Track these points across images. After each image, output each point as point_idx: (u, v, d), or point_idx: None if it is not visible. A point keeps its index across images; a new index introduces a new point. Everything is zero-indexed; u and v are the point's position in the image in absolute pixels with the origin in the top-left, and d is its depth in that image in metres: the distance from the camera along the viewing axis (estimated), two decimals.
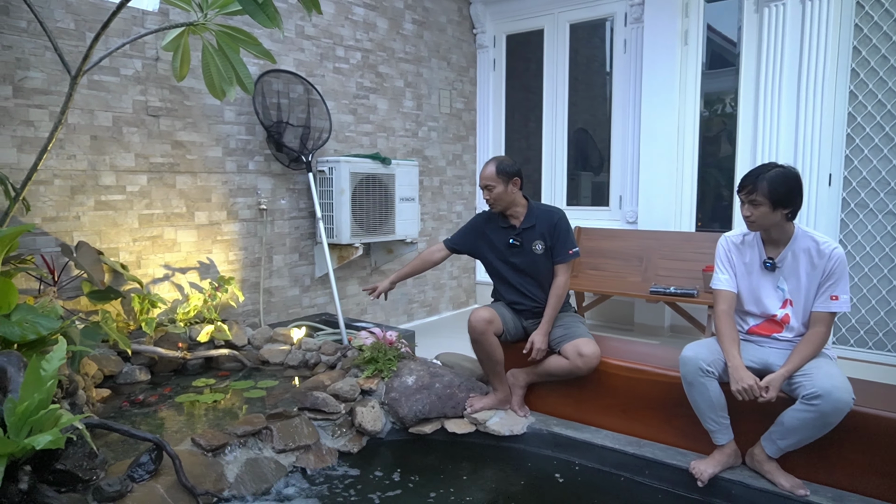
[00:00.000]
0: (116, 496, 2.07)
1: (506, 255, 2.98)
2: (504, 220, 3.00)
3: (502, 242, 2.98)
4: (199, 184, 3.79)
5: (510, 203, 2.92)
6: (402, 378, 3.05)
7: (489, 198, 2.90)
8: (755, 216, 2.37)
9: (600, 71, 5.76)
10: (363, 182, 4.27)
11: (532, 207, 2.97)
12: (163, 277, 3.68)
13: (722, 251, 2.58)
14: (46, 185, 3.14)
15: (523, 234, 2.94)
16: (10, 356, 2.11)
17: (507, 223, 2.98)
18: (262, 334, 3.75)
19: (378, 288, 3.17)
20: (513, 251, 2.95)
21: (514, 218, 2.97)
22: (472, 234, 3.12)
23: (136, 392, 3.17)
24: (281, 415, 2.76)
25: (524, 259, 2.94)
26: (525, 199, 3.00)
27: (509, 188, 2.90)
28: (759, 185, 2.32)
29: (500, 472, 2.74)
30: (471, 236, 3.13)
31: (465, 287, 6.03)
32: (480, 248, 3.09)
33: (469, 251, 3.17)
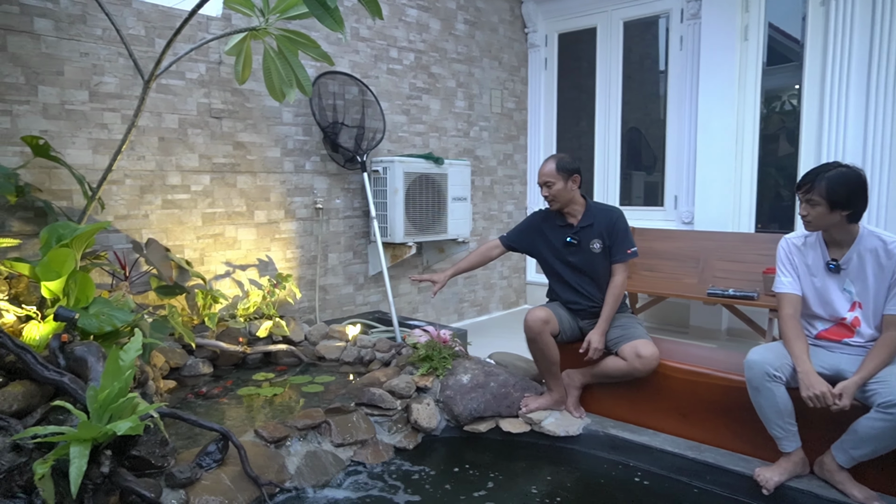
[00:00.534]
0: (187, 482, 2.15)
1: (563, 254, 2.97)
2: (561, 218, 2.98)
3: (559, 241, 2.96)
4: (258, 183, 3.89)
5: (569, 201, 2.90)
6: (456, 376, 3.07)
7: (548, 195, 2.89)
8: (812, 216, 2.30)
9: (653, 69, 5.67)
10: (416, 182, 4.31)
11: (590, 206, 2.95)
12: (224, 274, 3.79)
13: (783, 253, 2.51)
14: (118, 185, 3.29)
15: (581, 232, 2.92)
16: (90, 346, 2.22)
17: (565, 221, 2.97)
18: (319, 331, 3.83)
19: (436, 283, 3.19)
20: (570, 250, 2.94)
21: (572, 216, 2.95)
22: (529, 232, 3.12)
23: (199, 384, 3.28)
24: (339, 410, 2.82)
25: (581, 258, 2.92)
26: (583, 197, 2.97)
27: (569, 185, 2.88)
28: (817, 185, 2.25)
29: (556, 473, 2.72)
30: (528, 234, 3.13)
31: (516, 287, 6.02)
32: (537, 246, 3.08)
33: (525, 249, 3.17)
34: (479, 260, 3.24)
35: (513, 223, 5.85)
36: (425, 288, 5.05)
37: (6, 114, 2.93)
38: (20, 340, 2.13)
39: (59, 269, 2.44)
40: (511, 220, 5.87)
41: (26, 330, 2.32)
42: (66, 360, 2.19)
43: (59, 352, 2.18)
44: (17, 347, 2.07)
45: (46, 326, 2.34)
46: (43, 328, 2.34)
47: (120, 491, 1.93)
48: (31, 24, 2.98)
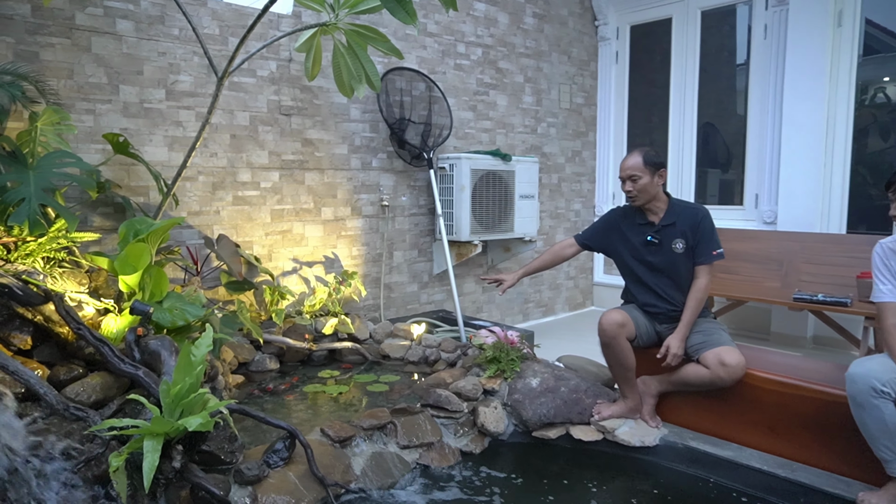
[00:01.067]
0: (255, 480, 2.14)
1: (642, 254, 2.81)
2: (642, 215, 2.82)
3: (639, 240, 2.81)
4: (325, 180, 3.90)
5: (652, 197, 2.75)
6: (525, 380, 2.97)
7: (632, 189, 2.73)
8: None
9: (729, 61, 5.38)
10: (483, 179, 4.22)
11: (673, 203, 2.79)
12: (291, 270, 3.82)
13: (878, 259, 2.29)
14: (192, 182, 3.34)
15: (663, 231, 2.75)
16: (163, 341, 2.24)
17: (645, 219, 2.81)
18: (384, 329, 3.80)
19: (505, 282, 3.09)
20: (650, 249, 2.78)
21: (654, 214, 2.79)
22: (606, 231, 2.98)
23: (266, 380, 3.30)
24: (405, 410, 2.76)
25: (662, 258, 2.76)
26: (666, 194, 2.81)
27: (654, 180, 2.72)
28: None
29: (630, 485, 2.58)
30: (604, 233, 2.99)
31: (582, 288, 5.84)
32: (615, 245, 2.94)
33: (602, 248, 3.03)
34: (552, 259, 3.12)
35: (580, 222, 5.68)
36: (490, 287, 4.96)
37: (90, 112, 3.02)
38: (99, 333, 2.17)
39: (135, 263, 2.48)
40: (578, 220, 5.69)
41: (104, 323, 2.37)
42: (141, 353, 2.22)
43: (135, 345, 2.21)
44: (95, 340, 2.10)
45: (123, 320, 2.39)
46: (120, 321, 2.38)
47: (190, 486, 1.92)
48: (113, 26, 3.06)
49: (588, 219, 5.79)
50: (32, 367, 2.27)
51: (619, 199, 5.77)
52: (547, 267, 3.18)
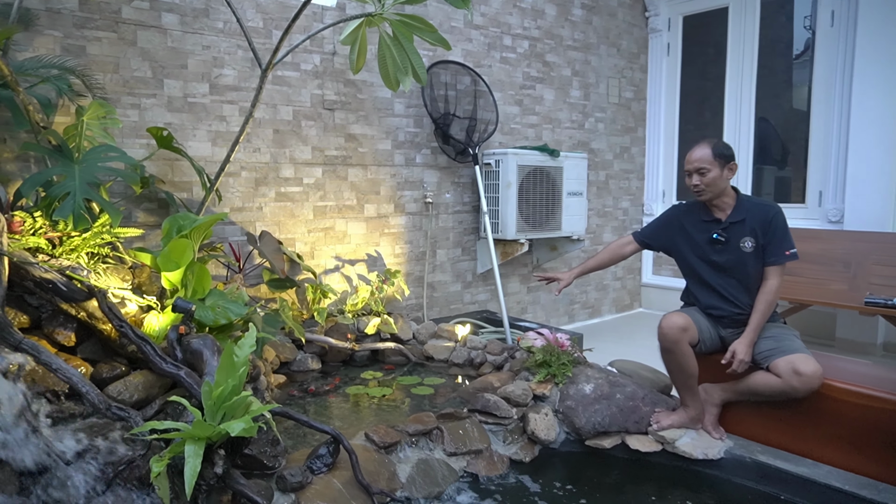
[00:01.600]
0: (298, 487, 2.05)
1: (706, 253, 2.63)
2: (707, 212, 2.64)
3: (703, 238, 2.63)
4: (368, 176, 3.81)
5: (721, 192, 2.56)
6: (578, 385, 2.82)
7: (699, 183, 2.55)
8: None
9: (784, 53, 5.11)
10: (530, 175, 4.07)
11: (742, 199, 2.60)
12: (333, 268, 3.74)
13: None
14: (235, 177, 3.29)
15: (730, 228, 2.57)
16: (205, 340, 2.17)
17: (711, 216, 2.63)
18: (427, 329, 3.69)
19: (561, 281, 2.94)
20: (716, 248, 2.59)
21: (720, 210, 2.61)
22: (668, 228, 2.80)
23: (308, 380, 3.22)
24: (451, 416, 2.64)
25: (729, 257, 2.57)
26: (734, 190, 2.62)
27: (724, 174, 2.54)
28: None
29: (693, 500, 2.40)
30: (666, 230, 2.81)
31: (630, 289, 5.63)
32: (676, 243, 2.76)
33: (662, 247, 2.86)
34: (609, 258, 2.96)
35: (629, 221, 5.48)
36: (535, 287, 4.81)
37: (135, 107, 2.99)
38: (141, 331, 2.11)
39: (178, 259, 2.42)
40: (627, 218, 5.49)
41: (147, 320, 2.31)
42: (183, 352, 2.15)
43: (177, 344, 2.14)
44: (137, 338, 2.04)
45: (165, 317, 2.33)
46: (162, 319, 2.33)
47: (232, 493, 1.84)
48: (159, 19, 3.03)
49: (637, 217, 5.58)
50: (76, 364, 2.23)
51: (668, 198, 5.54)
52: (604, 266, 3.02)
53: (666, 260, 5.50)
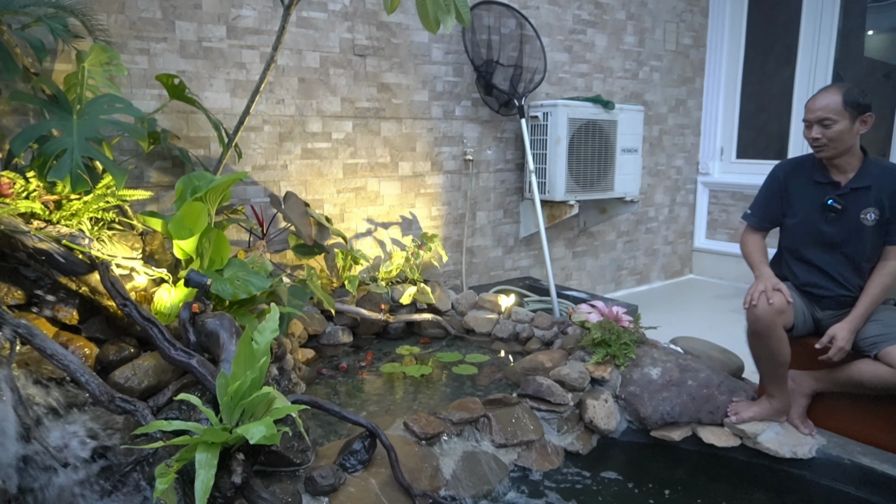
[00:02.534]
0: (330, 490, 1.79)
1: (816, 221, 2.22)
2: (823, 172, 2.21)
3: (815, 203, 2.21)
4: (403, 131, 3.45)
5: (846, 150, 2.13)
6: (643, 369, 2.49)
7: (821, 137, 2.11)
8: None
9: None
10: (582, 130, 3.66)
11: (869, 162, 2.16)
12: (365, 232, 3.43)
13: None
14: (257, 132, 2.97)
15: (850, 196, 2.15)
16: (223, 320, 1.88)
17: (828, 177, 2.20)
18: (467, 299, 3.38)
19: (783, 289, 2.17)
20: (828, 217, 2.18)
21: (840, 172, 2.18)
22: (775, 198, 2.37)
23: (338, 355, 2.96)
24: (500, 402, 2.34)
25: (843, 229, 2.17)
26: (862, 150, 2.20)
27: (855, 127, 2.11)
28: None
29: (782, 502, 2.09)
30: (774, 202, 2.38)
31: (681, 254, 5.23)
32: (782, 210, 2.37)
33: (776, 223, 2.43)
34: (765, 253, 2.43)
35: (681, 181, 5.03)
36: (580, 253, 4.45)
37: (144, 53, 2.67)
38: (147, 311, 1.83)
39: (192, 225, 2.12)
40: (680, 178, 5.04)
41: (157, 295, 2.03)
42: (197, 334, 1.87)
43: (189, 324, 1.86)
44: (143, 319, 1.77)
45: (179, 292, 2.05)
46: (175, 294, 2.05)
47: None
48: None
49: (691, 177, 5.13)
50: (79, 344, 1.97)
51: (727, 156, 5.07)
52: None
53: (722, 223, 5.07)
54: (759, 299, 2.12)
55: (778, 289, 2.13)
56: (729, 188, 5.00)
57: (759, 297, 2.13)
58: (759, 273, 2.27)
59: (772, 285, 2.13)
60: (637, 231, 4.79)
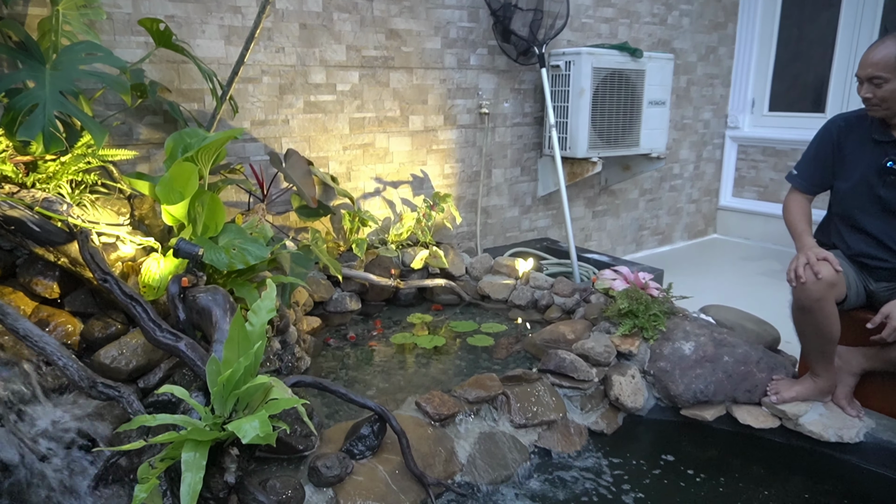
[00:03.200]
0: (336, 480, 1.64)
1: (873, 185, 1.99)
2: (883, 129, 1.97)
3: (872, 164, 1.98)
4: (414, 82, 3.19)
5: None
6: (674, 343, 2.30)
7: (872, 96, 1.88)
8: None
9: None
10: (607, 80, 3.38)
11: None
12: (373, 192, 3.22)
13: None
14: (255, 84, 2.73)
15: None
16: (216, 295, 1.70)
17: (889, 136, 1.96)
18: (482, 263, 3.18)
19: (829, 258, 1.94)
20: (887, 180, 1.95)
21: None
22: (825, 159, 2.13)
23: (346, 323, 2.80)
24: (519, 378, 2.18)
25: None
26: None
27: None
28: None
29: (820, 492, 1.93)
30: (824, 162, 2.14)
31: (705, 213, 4.98)
32: (833, 171, 2.13)
33: (826, 186, 2.20)
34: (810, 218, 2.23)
35: (708, 135, 4.74)
36: (600, 213, 4.22)
37: None
38: (129, 287, 1.64)
39: (181, 188, 1.93)
40: (707, 132, 4.75)
41: (145, 267, 1.85)
42: (188, 310, 1.70)
43: (179, 300, 1.69)
44: (125, 297, 1.59)
45: (169, 263, 1.86)
46: (164, 265, 1.86)
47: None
48: None
49: (718, 131, 4.83)
50: (61, 320, 1.81)
51: (759, 108, 4.76)
52: None
53: (750, 180, 4.80)
54: (805, 273, 1.91)
55: (824, 258, 1.91)
56: (759, 143, 4.71)
57: (805, 270, 1.92)
58: (802, 244, 2.05)
59: (815, 255, 1.91)
60: (661, 189, 4.54)
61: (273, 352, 2.12)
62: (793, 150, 4.51)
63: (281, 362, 2.13)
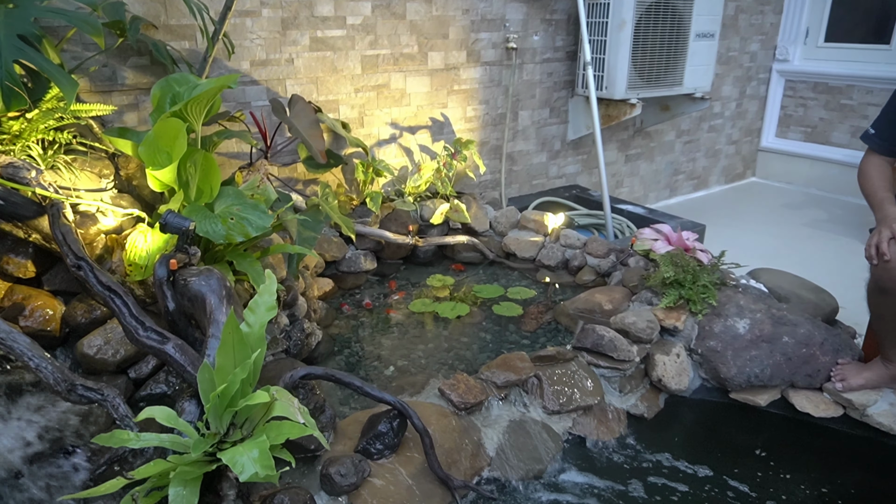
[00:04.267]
0: (351, 489, 1.45)
1: None
2: None
3: None
4: (434, 13, 2.83)
5: None
6: (726, 320, 2.06)
7: None
8: None
9: None
10: (651, 10, 2.99)
11: None
12: (389, 139, 2.92)
13: None
14: (254, 18, 2.40)
15: None
16: (210, 278, 1.46)
17: None
18: (507, 218, 2.92)
19: None
20: None
21: None
22: None
23: (361, 286, 2.59)
24: (552, 358, 1.96)
25: None
26: None
27: None
28: None
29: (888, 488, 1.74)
30: None
31: (745, 154, 4.62)
32: None
33: None
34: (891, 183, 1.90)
35: (754, 69, 4.31)
36: (633, 157, 3.89)
37: None
38: (107, 276, 1.41)
39: (169, 147, 1.66)
40: (753, 66, 4.32)
41: (130, 242, 1.61)
42: (178, 297, 1.47)
43: (168, 285, 1.45)
44: (102, 288, 1.36)
45: (156, 236, 1.63)
46: (152, 240, 1.62)
47: None
48: None
49: (765, 64, 4.39)
50: (39, 303, 1.59)
51: (812, 39, 4.29)
52: None
53: (797, 119, 4.40)
54: (890, 251, 1.64)
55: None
56: (811, 78, 4.28)
57: (890, 245, 1.64)
58: (884, 214, 1.76)
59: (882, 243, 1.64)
60: (699, 130, 4.17)
61: (280, 329, 1.92)
62: (848, 87, 4.09)
63: (289, 341, 1.92)
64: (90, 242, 1.63)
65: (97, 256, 1.66)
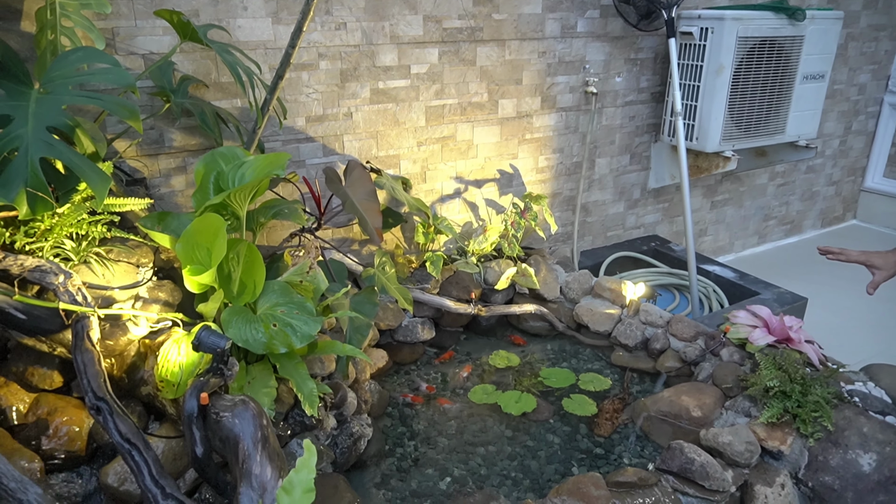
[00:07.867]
0: None
1: None
2: None
3: None
4: (507, 57, 2.57)
5: None
6: (846, 453, 1.73)
7: None
8: None
9: None
10: (754, 52, 2.64)
11: None
12: (452, 193, 2.70)
13: None
14: (310, 72, 2.21)
15: None
16: (243, 415, 1.27)
17: None
18: (580, 283, 2.64)
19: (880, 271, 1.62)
20: None
21: None
22: None
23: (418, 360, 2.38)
24: (633, 485, 1.69)
25: None
26: None
27: None
28: None
29: None
30: None
31: (845, 196, 4.16)
32: None
33: None
34: None
35: (862, 103, 3.85)
36: (719, 204, 3.53)
37: None
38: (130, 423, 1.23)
39: (209, 244, 1.49)
40: (862, 98, 3.85)
41: (162, 355, 1.44)
42: (209, 438, 1.29)
43: (197, 424, 1.27)
44: (121, 439, 1.18)
45: (189, 350, 1.45)
46: (186, 354, 1.45)
47: None
48: None
49: (876, 96, 3.92)
50: (65, 418, 1.45)
51: None
52: None
53: None
54: None
55: None
56: None
57: None
58: None
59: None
60: (796, 171, 3.76)
61: (326, 435, 1.73)
62: None
63: (335, 450, 1.73)
64: (121, 353, 1.47)
65: (129, 364, 1.50)
